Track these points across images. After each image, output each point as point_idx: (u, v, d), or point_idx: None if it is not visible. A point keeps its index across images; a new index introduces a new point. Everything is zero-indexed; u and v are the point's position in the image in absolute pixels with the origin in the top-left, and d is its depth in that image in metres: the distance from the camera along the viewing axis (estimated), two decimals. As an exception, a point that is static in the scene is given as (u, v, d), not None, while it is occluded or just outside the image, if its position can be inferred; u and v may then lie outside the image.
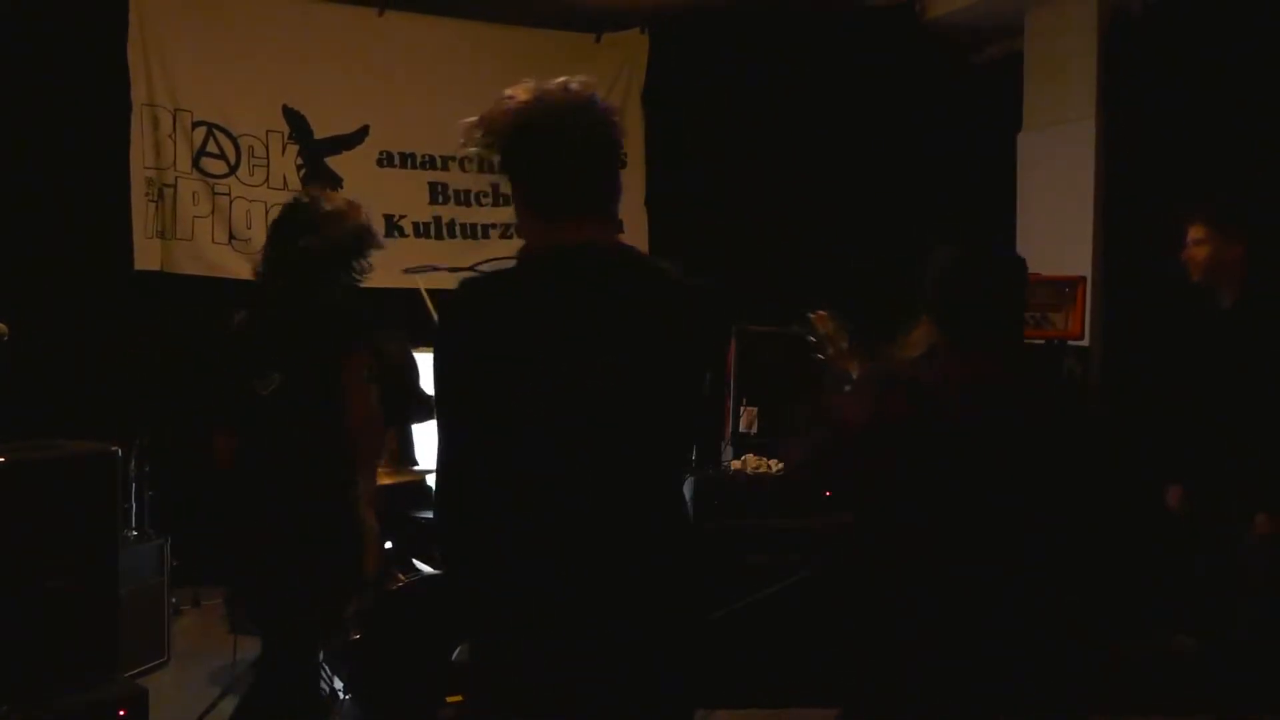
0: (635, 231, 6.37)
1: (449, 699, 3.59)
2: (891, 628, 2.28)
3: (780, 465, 4.58)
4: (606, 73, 6.35)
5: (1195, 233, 3.55)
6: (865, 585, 2.37)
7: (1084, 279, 4.39)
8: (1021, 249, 5.59)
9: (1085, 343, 4.46)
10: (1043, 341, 4.35)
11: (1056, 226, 5.44)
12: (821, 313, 2.82)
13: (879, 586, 2.31)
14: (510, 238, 6.17)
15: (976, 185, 5.89)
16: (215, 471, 3.07)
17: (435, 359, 1.77)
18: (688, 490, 4.17)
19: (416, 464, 4.35)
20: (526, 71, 6.96)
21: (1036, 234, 5.61)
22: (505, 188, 1.86)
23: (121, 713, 3.38)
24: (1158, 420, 3.80)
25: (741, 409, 4.82)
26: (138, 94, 5.45)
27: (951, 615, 2.20)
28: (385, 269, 5.90)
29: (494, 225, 6.21)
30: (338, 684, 4.00)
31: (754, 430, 4.78)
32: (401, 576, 3.84)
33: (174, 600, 4.81)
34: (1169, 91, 5.04)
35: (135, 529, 4.60)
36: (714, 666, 1.98)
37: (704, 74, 6.29)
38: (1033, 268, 4.93)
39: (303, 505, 2.88)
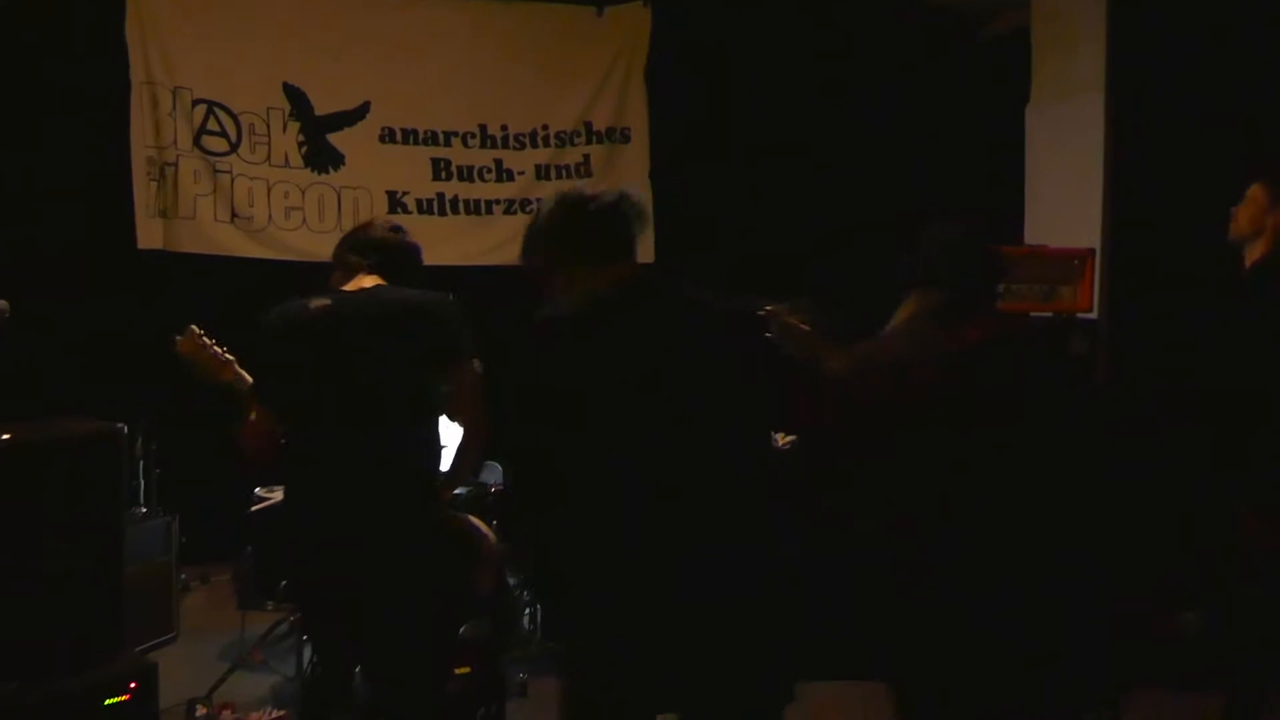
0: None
1: (457, 671, 3.60)
2: (895, 596, 2.30)
3: (787, 439, 4.56)
4: (608, 47, 6.31)
5: (1253, 191, 3.45)
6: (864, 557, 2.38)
7: (1093, 252, 4.36)
8: (1030, 223, 5.64)
9: (1094, 316, 4.43)
10: (1051, 315, 4.33)
11: (1065, 200, 5.41)
12: (771, 308, 2.76)
13: (877, 556, 2.33)
14: (514, 214, 6.14)
15: (984, 160, 5.86)
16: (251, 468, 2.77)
17: (520, 385, 2.08)
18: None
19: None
20: (528, 45, 6.92)
21: (1045, 208, 5.59)
22: (509, 162, 2.18)
23: (132, 686, 3.39)
24: (1172, 394, 3.77)
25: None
26: (136, 73, 5.43)
27: (948, 582, 2.22)
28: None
29: (498, 201, 6.19)
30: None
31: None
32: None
33: (183, 577, 4.82)
34: (1178, 64, 5.00)
35: (143, 506, 4.61)
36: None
37: (707, 47, 6.25)
38: (1041, 241, 5.02)
39: (408, 515, 2.63)
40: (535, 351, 2.08)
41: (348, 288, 2.75)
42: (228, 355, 2.90)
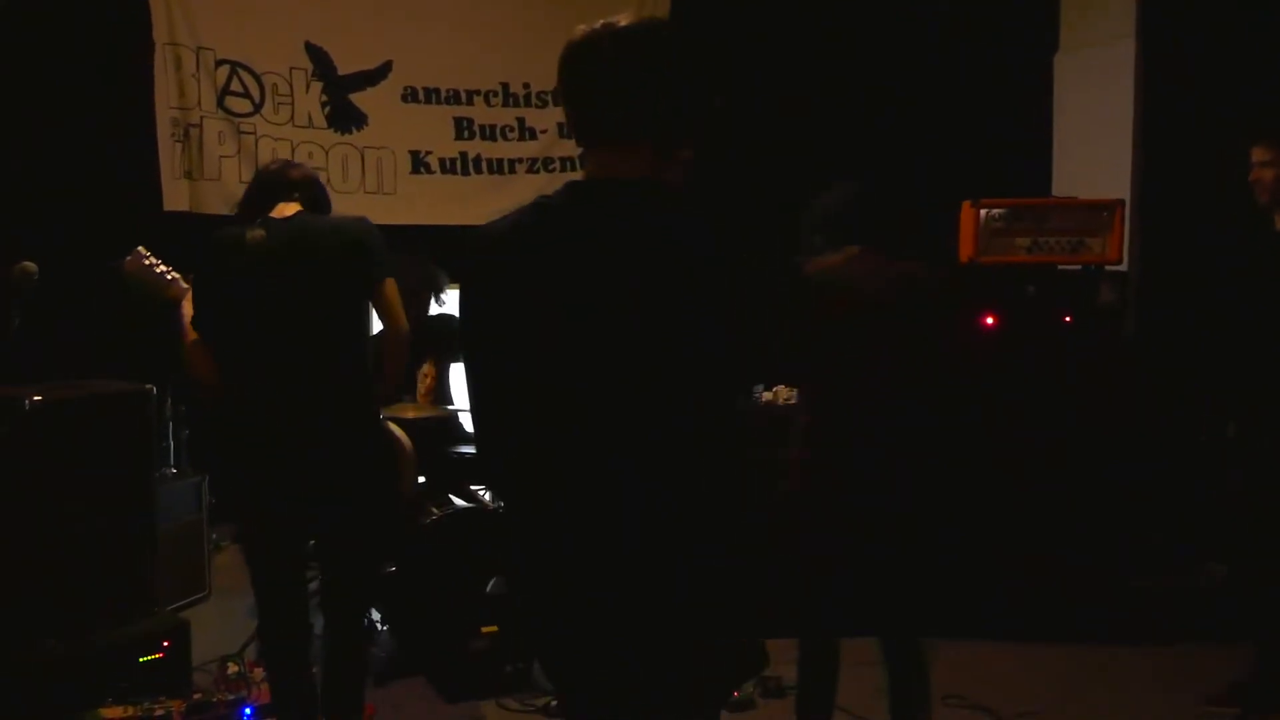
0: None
1: (483, 630, 3.64)
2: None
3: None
4: (630, 2, 6.23)
5: (1260, 154, 3.43)
6: None
7: (1122, 202, 4.29)
8: (1058, 172, 5.57)
9: (1124, 267, 4.37)
10: (1080, 267, 4.27)
11: (1094, 149, 5.32)
12: None
13: None
14: (537, 172, 6.12)
15: (1012, 108, 5.76)
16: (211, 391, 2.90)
17: (462, 306, 1.70)
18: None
19: (451, 401, 4.36)
20: (550, 1, 6.76)
21: (1073, 157, 5.50)
22: (531, 120, 1.81)
23: (165, 644, 3.46)
24: (1204, 347, 3.77)
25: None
26: (159, 33, 5.44)
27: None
28: (413, 206, 5.95)
29: (520, 160, 6.15)
30: (375, 615, 4.07)
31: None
32: (435, 510, 3.87)
33: (213, 536, 4.88)
34: (1209, 10, 4.89)
35: (174, 467, 4.66)
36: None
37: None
38: (1069, 191, 4.95)
39: (337, 426, 2.84)
40: (468, 274, 1.71)
41: (275, 214, 2.90)
42: (173, 274, 3.07)
